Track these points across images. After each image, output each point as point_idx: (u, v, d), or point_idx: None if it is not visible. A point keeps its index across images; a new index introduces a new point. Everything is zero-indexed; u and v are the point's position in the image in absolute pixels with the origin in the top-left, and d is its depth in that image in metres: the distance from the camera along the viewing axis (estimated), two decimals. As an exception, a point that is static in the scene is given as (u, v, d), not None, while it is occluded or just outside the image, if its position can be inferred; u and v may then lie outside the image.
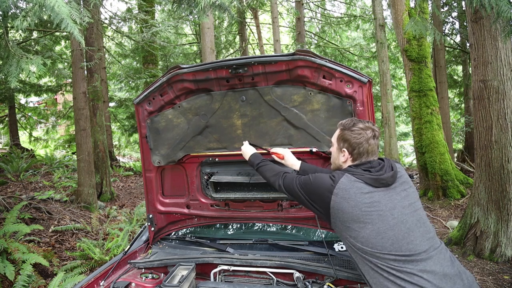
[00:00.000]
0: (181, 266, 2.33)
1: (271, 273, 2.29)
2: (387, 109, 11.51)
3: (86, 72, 7.91)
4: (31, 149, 12.98)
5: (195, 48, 17.26)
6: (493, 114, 4.69)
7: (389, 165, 1.75)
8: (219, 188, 2.61)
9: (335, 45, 17.09)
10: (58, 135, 16.30)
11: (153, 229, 2.79)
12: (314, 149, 2.28)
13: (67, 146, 15.35)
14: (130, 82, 11.90)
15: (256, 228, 2.93)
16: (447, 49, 12.80)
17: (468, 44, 9.98)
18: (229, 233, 2.95)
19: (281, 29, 15.96)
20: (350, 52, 16.86)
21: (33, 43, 9.89)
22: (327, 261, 2.26)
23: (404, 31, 7.81)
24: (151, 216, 2.76)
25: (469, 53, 5.34)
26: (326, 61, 2.08)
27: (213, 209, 2.65)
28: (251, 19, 16.54)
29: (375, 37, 12.18)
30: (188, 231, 2.94)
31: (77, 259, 4.84)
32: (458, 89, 15.04)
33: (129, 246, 2.71)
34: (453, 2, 10.81)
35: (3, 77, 7.86)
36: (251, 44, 17.70)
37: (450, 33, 12.35)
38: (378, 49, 11.09)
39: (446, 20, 11.85)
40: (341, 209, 1.64)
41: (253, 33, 17.53)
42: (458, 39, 13.07)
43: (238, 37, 17.23)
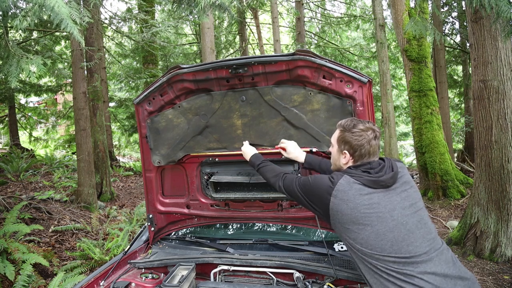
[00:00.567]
0: (181, 266, 2.33)
1: (271, 273, 2.29)
2: (387, 109, 11.51)
3: (86, 72, 7.91)
4: (31, 149, 12.99)
5: (195, 48, 17.26)
6: (493, 114, 4.69)
7: (390, 165, 1.72)
8: (219, 188, 2.61)
9: (335, 45, 17.08)
10: (58, 135, 16.31)
11: (153, 229, 2.79)
12: (314, 149, 2.28)
13: (67, 146, 15.35)
14: (130, 82, 11.90)
15: (256, 228, 2.93)
16: (447, 49, 12.80)
17: (468, 44, 9.98)
18: (229, 233, 2.95)
19: (281, 29, 15.96)
20: (350, 52, 16.87)
21: (33, 43, 9.89)
22: (327, 261, 2.26)
23: (404, 31, 7.81)
24: (151, 216, 2.76)
25: (469, 53, 5.34)
26: (326, 61, 2.08)
27: (213, 209, 2.65)
28: (251, 19, 16.54)
29: (375, 37, 12.18)
30: (188, 231, 2.94)
31: (77, 259, 4.84)
32: (458, 89, 15.04)
33: (129, 246, 2.71)
34: (453, 2, 10.81)
35: (3, 77, 7.86)
36: (251, 44, 17.70)
37: (450, 33, 12.35)
38: (378, 49, 11.09)
39: (446, 20, 11.86)
40: (340, 211, 1.63)
41: (253, 33, 17.53)
42: (458, 39, 13.08)
43: (238, 37, 17.23)
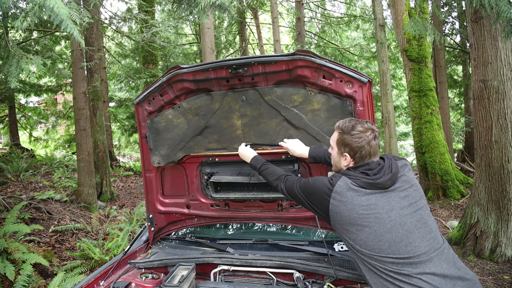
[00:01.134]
0: (181, 266, 2.33)
1: (271, 273, 2.29)
2: (387, 109, 11.51)
3: (86, 72, 7.91)
4: (31, 149, 12.99)
5: (195, 48, 17.27)
6: (493, 114, 4.69)
7: (389, 165, 1.71)
8: (219, 188, 2.61)
9: (335, 45, 17.09)
10: (58, 135, 16.30)
11: (153, 229, 2.79)
12: (314, 149, 2.27)
13: (67, 146, 15.35)
14: (130, 82, 11.91)
15: (256, 228, 2.93)
16: (447, 49, 12.80)
17: (468, 44, 9.98)
18: (229, 233, 2.95)
19: (281, 29, 15.96)
20: (350, 52, 16.87)
21: (33, 43, 9.89)
22: (327, 261, 2.26)
23: (404, 31, 7.81)
24: (151, 216, 2.76)
25: (469, 53, 5.34)
26: (326, 61, 2.08)
27: (213, 209, 2.65)
28: (251, 19, 16.54)
29: (375, 37, 12.18)
30: (188, 231, 2.94)
31: (77, 259, 4.84)
32: (458, 89, 15.04)
33: (129, 246, 2.71)
34: (453, 2, 10.81)
35: (3, 77, 7.86)
36: (251, 44, 17.70)
37: (450, 33, 12.35)
38: (378, 49, 11.09)
39: (446, 20, 11.86)
40: (339, 212, 1.64)
41: (253, 33, 17.54)
42: (458, 39, 13.07)
43: (238, 37, 17.24)
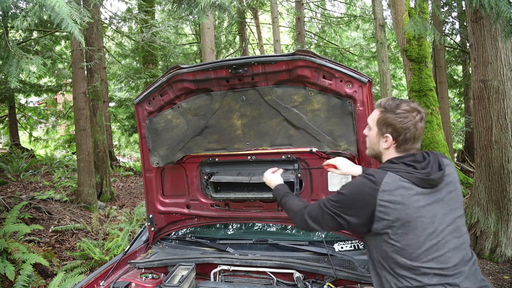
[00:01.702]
0: (181, 266, 2.33)
1: (271, 273, 2.29)
2: (387, 109, 11.45)
3: (86, 72, 7.91)
4: (31, 149, 12.99)
5: (195, 48, 17.27)
6: (493, 114, 4.69)
7: (436, 161, 1.52)
8: (219, 188, 2.61)
9: (335, 45, 17.09)
10: (58, 135, 16.30)
11: (153, 229, 2.79)
12: (314, 149, 2.27)
13: (67, 146, 15.35)
14: (130, 82, 11.91)
15: (256, 228, 2.93)
16: (447, 49, 12.80)
17: (468, 44, 9.98)
18: (229, 233, 2.95)
19: (281, 29, 15.96)
20: (350, 52, 16.88)
21: (33, 43, 9.88)
22: (327, 261, 2.26)
23: (404, 31, 7.80)
24: (151, 216, 2.76)
25: (469, 53, 5.34)
26: (326, 61, 2.08)
27: (213, 209, 2.65)
28: (251, 19, 16.54)
29: (375, 37, 12.18)
30: (188, 231, 2.94)
31: (77, 259, 4.84)
32: (458, 89, 15.05)
33: (129, 246, 2.71)
34: (453, 2, 10.81)
35: (3, 77, 7.86)
36: (251, 44, 17.70)
37: (450, 33, 12.35)
38: (378, 49, 11.09)
39: (446, 20, 11.86)
40: (387, 213, 1.43)
41: (253, 33, 17.54)
42: (458, 39, 13.08)
43: (238, 37, 17.24)
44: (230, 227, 2.99)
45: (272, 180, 2.09)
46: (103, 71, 11.62)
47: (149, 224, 2.78)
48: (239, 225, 2.97)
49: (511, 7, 3.43)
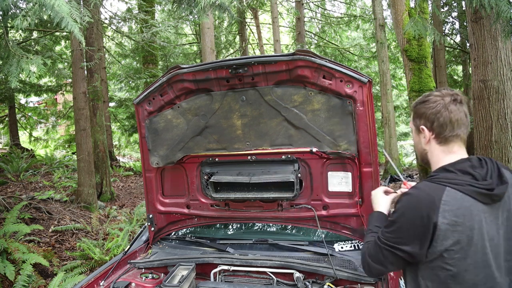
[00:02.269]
0: (181, 266, 2.33)
1: (271, 273, 2.28)
2: (387, 109, 11.50)
3: (86, 72, 7.91)
4: (31, 149, 12.98)
5: (195, 48, 17.27)
6: (493, 114, 4.70)
7: (495, 169, 1.31)
8: (219, 188, 2.61)
9: (335, 45, 17.10)
10: (58, 135, 16.30)
11: (153, 229, 2.79)
12: (314, 149, 2.27)
13: (67, 146, 15.34)
14: (130, 82, 11.91)
15: (256, 228, 2.93)
16: (447, 49, 12.80)
17: (468, 44, 9.98)
18: (229, 233, 2.95)
19: (281, 29, 15.96)
20: (350, 52, 16.89)
21: (33, 43, 9.89)
22: (327, 261, 2.26)
23: (404, 31, 7.80)
24: (151, 216, 2.76)
25: (469, 53, 5.34)
26: (326, 61, 2.08)
27: (213, 209, 2.65)
28: (251, 19, 16.55)
29: (375, 37, 12.18)
30: (188, 231, 2.94)
31: (77, 259, 4.84)
32: (458, 89, 15.03)
33: (129, 246, 2.71)
34: (453, 2, 10.81)
35: (3, 77, 7.86)
36: (251, 44, 17.71)
37: (450, 33, 12.35)
38: (378, 49, 11.09)
39: (446, 20, 11.86)
40: (446, 236, 1.24)
41: (253, 33, 17.54)
42: (458, 39, 13.08)
43: (238, 37, 17.24)
44: (230, 227, 2.99)
45: (379, 202, 1.67)
46: (103, 71, 11.62)
47: (149, 224, 2.78)
48: (239, 225, 2.97)
49: (511, 7, 3.43)
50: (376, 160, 2.22)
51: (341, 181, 2.34)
